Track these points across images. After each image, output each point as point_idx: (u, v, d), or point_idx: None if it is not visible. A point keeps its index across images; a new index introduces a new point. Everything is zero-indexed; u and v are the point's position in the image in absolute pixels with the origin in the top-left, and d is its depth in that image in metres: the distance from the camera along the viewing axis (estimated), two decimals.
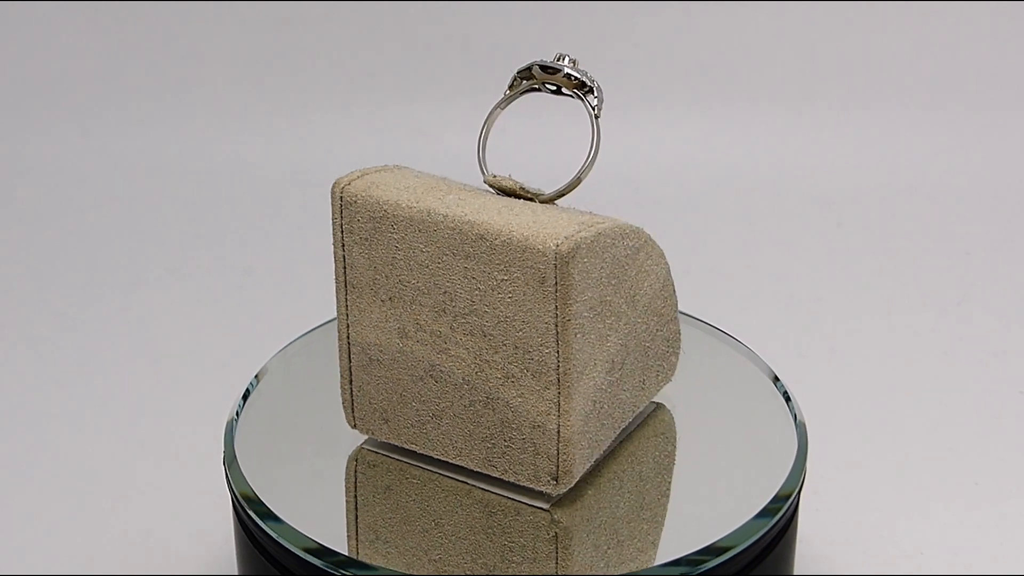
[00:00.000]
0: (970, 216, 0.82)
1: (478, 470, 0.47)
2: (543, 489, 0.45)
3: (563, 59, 0.47)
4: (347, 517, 0.46)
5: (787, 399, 0.51)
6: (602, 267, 0.44)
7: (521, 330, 0.44)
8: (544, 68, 0.47)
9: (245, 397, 0.52)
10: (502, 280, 0.44)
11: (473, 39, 0.91)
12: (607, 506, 0.46)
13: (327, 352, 0.54)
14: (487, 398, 0.45)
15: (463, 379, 0.46)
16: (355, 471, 0.48)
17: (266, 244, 0.81)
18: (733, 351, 0.54)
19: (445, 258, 0.45)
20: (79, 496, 0.60)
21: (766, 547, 0.46)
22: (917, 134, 0.88)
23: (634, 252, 0.46)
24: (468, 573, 0.43)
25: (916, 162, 0.87)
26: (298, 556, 0.44)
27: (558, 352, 0.44)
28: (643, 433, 0.49)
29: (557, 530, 0.45)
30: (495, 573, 0.43)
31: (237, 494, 0.47)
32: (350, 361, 0.48)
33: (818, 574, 0.56)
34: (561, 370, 0.44)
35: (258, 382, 0.53)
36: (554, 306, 0.43)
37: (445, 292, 0.45)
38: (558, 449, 0.45)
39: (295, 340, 0.55)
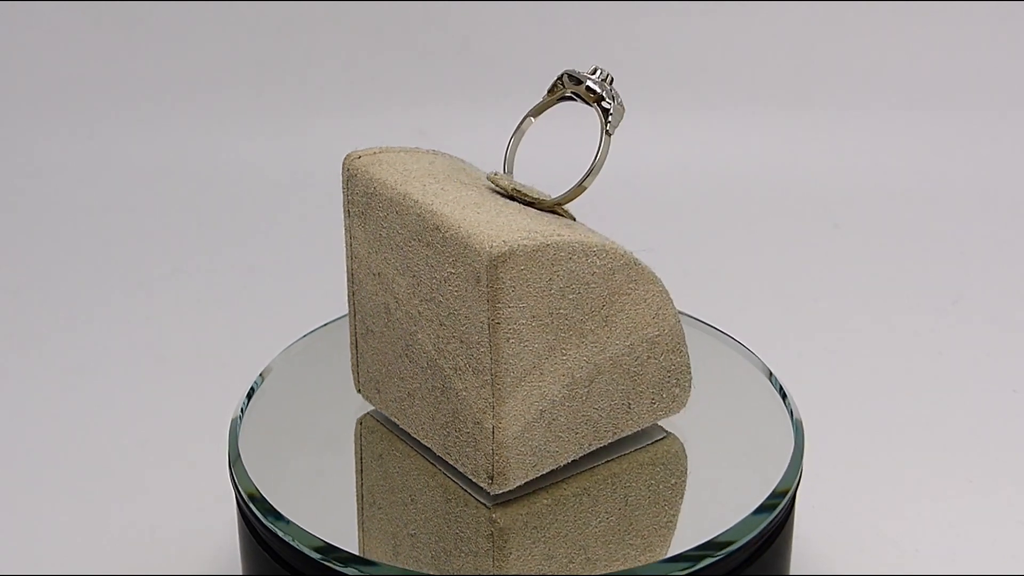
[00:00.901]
0: (965, 218, 0.82)
1: (439, 455, 0.47)
2: (482, 486, 0.46)
3: (597, 72, 0.47)
4: (352, 514, 0.46)
5: (784, 397, 0.51)
6: (551, 279, 0.44)
7: (464, 325, 0.44)
8: (571, 77, 0.47)
9: (249, 396, 0.52)
10: (451, 273, 0.44)
11: (472, 42, 0.91)
12: (566, 515, 0.46)
13: (330, 351, 0.54)
14: (444, 386, 0.46)
15: (427, 363, 0.46)
16: (360, 462, 0.49)
17: (270, 244, 0.81)
18: (731, 350, 0.54)
19: (412, 243, 0.45)
20: (85, 494, 0.60)
21: (764, 543, 0.46)
22: (913, 137, 0.88)
23: (608, 272, 0.45)
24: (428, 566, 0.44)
25: (912, 164, 0.87)
26: (302, 553, 0.44)
27: (491, 353, 0.44)
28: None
29: (493, 529, 0.45)
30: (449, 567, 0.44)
31: (241, 492, 0.47)
32: (355, 327, 0.49)
33: (815, 572, 0.56)
34: (493, 371, 0.44)
35: (262, 381, 0.53)
36: (487, 306, 0.43)
37: (414, 275, 0.46)
38: (492, 449, 0.45)
39: (299, 339, 0.55)
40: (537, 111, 0.49)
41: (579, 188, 0.46)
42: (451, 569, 0.44)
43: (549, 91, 0.48)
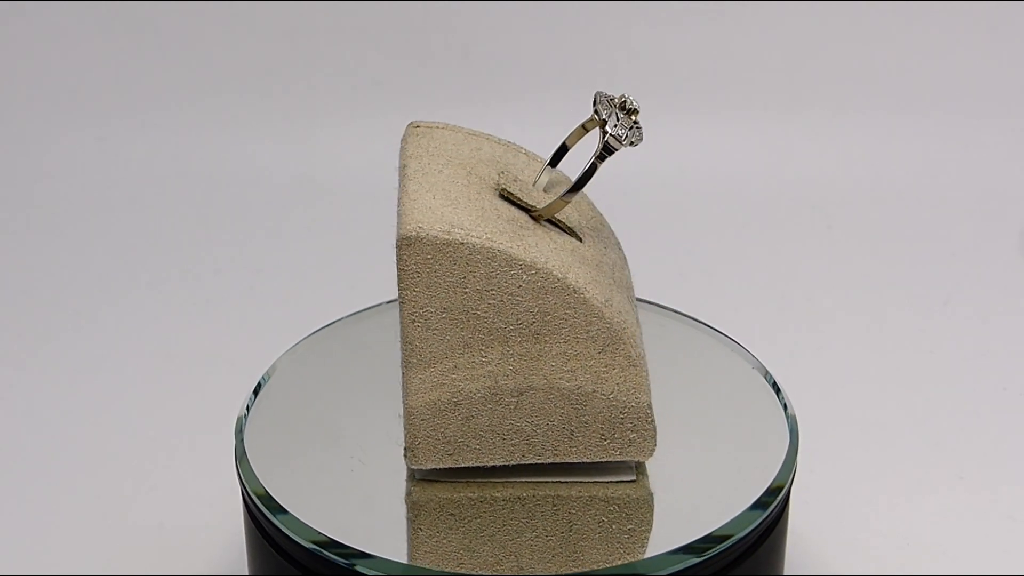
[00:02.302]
0: (955, 219, 0.82)
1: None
2: (405, 461, 0.47)
3: (623, 98, 0.46)
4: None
5: (778, 393, 0.51)
6: (464, 277, 0.44)
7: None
8: (594, 100, 0.46)
9: (256, 393, 0.52)
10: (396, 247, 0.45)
11: (474, 48, 0.91)
12: (494, 516, 0.46)
13: (335, 350, 0.54)
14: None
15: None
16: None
17: (276, 245, 0.81)
18: (726, 348, 0.54)
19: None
20: (93, 490, 0.60)
21: (759, 538, 0.46)
22: (905, 140, 0.88)
23: (537, 291, 0.44)
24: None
25: (904, 167, 0.87)
26: (307, 549, 0.44)
27: (401, 330, 0.45)
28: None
29: (408, 503, 0.46)
30: None
31: (247, 489, 0.47)
32: None
33: (808, 565, 0.56)
34: (402, 347, 0.45)
35: (268, 378, 0.52)
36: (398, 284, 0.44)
37: None
38: (405, 421, 0.46)
39: (304, 339, 0.55)
40: (574, 138, 0.48)
41: (561, 202, 0.46)
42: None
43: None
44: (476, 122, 0.88)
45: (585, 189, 0.46)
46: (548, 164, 0.48)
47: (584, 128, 0.47)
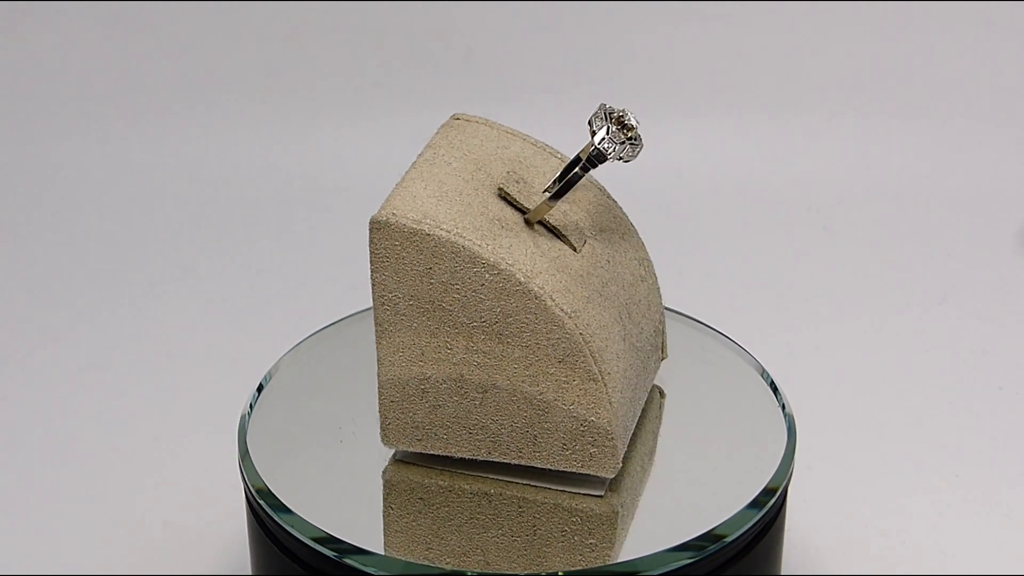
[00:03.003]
0: (951, 219, 0.82)
1: None
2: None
3: (621, 112, 0.45)
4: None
5: (776, 392, 0.51)
6: (430, 268, 0.44)
7: None
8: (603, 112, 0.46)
9: (259, 392, 0.52)
10: None
11: (475, 51, 0.91)
12: (461, 508, 0.46)
13: (337, 349, 0.54)
14: None
15: None
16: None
17: (278, 246, 0.80)
18: (723, 348, 0.54)
19: None
20: (98, 488, 0.60)
21: (756, 537, 0.46)
22: (900, 141, 0.88)
23: (499, 292, 0.44)
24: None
25: (899, 168, 0.86)
26: (309, 546, 0.44)
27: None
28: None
29: (382, 480, 0.47)
30: None
31: (250, 486, 0.47)
32: None
33: (805, 563, 0.56)
34: (374, 322, 0.46)
35: (271, 378, 0.52)
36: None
37: None
38: (379, 400, 0.47)
39: (307, 338, 0.55)
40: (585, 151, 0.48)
41: (545, 206, 0.45)
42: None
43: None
44: None
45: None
46: (561, 173, 0.48)
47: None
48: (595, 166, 0.45)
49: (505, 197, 0.46)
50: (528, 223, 0.46)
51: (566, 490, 0.46)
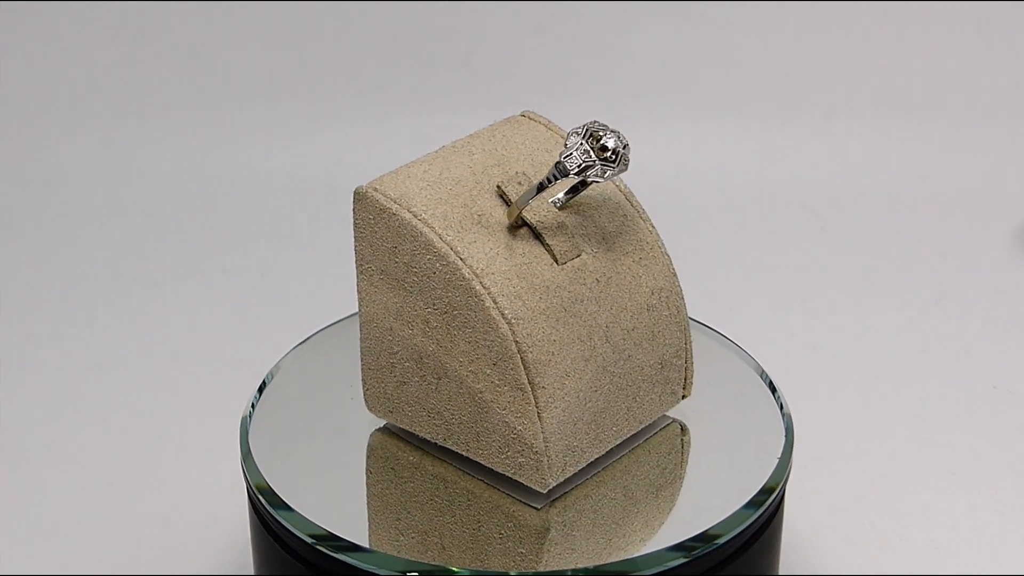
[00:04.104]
0: (948, 220, 0.82)
1: None
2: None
3: (601, 131, 0.44)
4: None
5: (774, 392, 0.51)
6: (396, 246, 0.45)
7: None
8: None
9: (260, 391, 0.51)
10: None
11: (476, 53, 0.91)
12: (416, 488, 0.46)
13: (339, 349, 0.53)
14: None
15: None
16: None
17: (281, 247, 0.80)
18: (722, 347, 0.54)
19: None
20: (101, 486, 0.60)
21: (753, 536, 0.46)
22: (897, 143, 0.88)
23: (448, 282, 0.44)
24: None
25: (896, 170, 0.86)
26: (310, 544, 0.44)
27: None
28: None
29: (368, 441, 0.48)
30: None
31: (252, 485, 0.47)
32: None
33: (802, 562, 0.55)
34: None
35: (273, 377, 0.52)
36: None
37: None
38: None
39: (308, 338, 0.55)
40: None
41: (515, 208, 0.45)
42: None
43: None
44: (476, 123, 0.88)
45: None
46: (571, 188, 0.47)
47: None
48: (555, 180, 0.44)
49: (502, 195, 0.46)
50: (515, 225, 0.45)
51: (510, 494, 0.46)
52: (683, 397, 0.49)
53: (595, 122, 0.44)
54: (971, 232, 0.81)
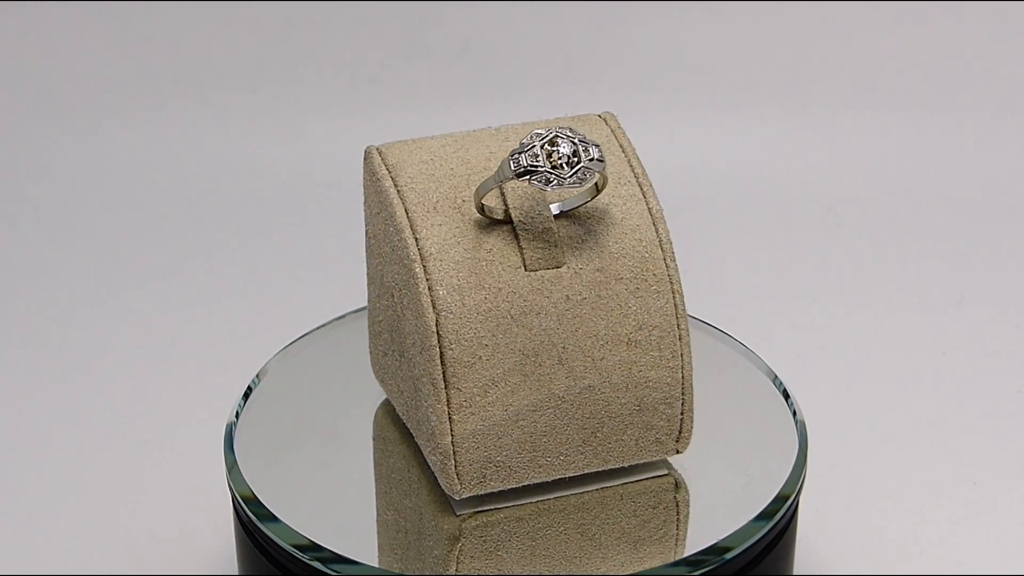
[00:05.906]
0: (967, 217, 0.82)
1: None
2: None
3: (561, 141, 0.42)
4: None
5: (787, 398, 0.51)
6: (379, 214, 0.45)
7: None
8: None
9: (246, 396, 0.51)
10: None
11: (471, 46, 0.91)
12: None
13: (326, 352, 0.53)
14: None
15: None
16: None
17: (268, 245, 0.80)
18: (733, 351, 0.54)
19: None
20: (82, 495, 0.60)
21: (766, 547, 0.45)
22: (915, 137, 0.88)
23: (400, 260, 0.44)
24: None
25: (914, 164, 0.86)
26: (295, 556, 0.44)
27: None
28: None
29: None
30: None
31: (237, 495, 0.47)
32: None
33: (817, 573, 0.55)
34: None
35: (259, 381, 0.52)
36: None
37: None
38: None
39: (295, 340, 0.54)
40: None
41: (475, 197, 0.44)
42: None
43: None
44: (474, 119, 0.88)
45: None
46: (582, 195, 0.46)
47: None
48: (506, 179, 0.43)
49: (500, 188, 0.45)
50: (501, 221, 0.44)
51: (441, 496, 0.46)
52: (677, 452, 0.46)
53: (569, 128, 0.43)
54: (994, 229, 0.80)
